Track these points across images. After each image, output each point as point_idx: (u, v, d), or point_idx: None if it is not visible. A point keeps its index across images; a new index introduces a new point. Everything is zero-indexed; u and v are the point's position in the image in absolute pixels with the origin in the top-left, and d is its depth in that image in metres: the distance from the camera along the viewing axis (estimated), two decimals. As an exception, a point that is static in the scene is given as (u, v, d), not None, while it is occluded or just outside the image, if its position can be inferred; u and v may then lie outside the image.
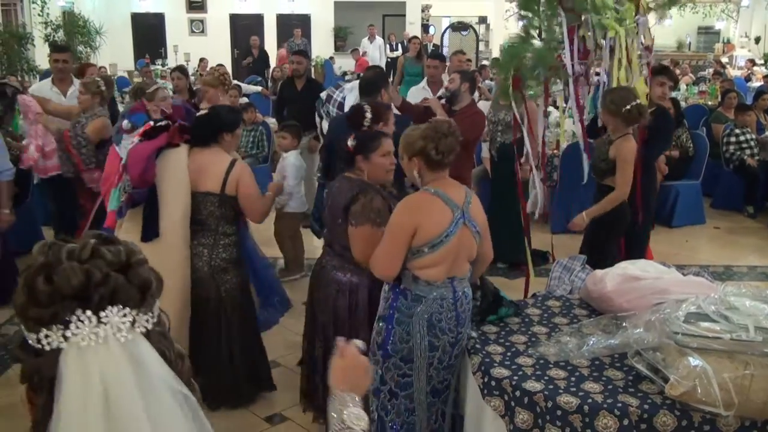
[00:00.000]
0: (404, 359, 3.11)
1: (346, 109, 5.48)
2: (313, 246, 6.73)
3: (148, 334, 1.17)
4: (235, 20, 20.09)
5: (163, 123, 4.11)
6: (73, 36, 14.62)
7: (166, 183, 3.93)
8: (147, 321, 1.17)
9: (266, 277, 5.40)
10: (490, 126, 6.23)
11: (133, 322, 1.14)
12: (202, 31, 19.96)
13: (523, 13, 4.82)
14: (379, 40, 17.41)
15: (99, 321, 1.11)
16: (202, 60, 15.53)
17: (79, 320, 1.10)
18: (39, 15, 14.24)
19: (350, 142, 3.50)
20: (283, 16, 20.04)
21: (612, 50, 4.68)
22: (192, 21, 20.00)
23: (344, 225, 3.41)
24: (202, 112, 4.17)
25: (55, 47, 6.93)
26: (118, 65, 16.10)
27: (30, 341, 1.13)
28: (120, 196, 4.03)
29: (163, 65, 15.29)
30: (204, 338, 4.03)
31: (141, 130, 4.25)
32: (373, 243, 3.19)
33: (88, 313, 1.11)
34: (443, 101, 5.62)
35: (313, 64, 18.30)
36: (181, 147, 4.01)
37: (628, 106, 4.44)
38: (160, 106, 5.13)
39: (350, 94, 5.51)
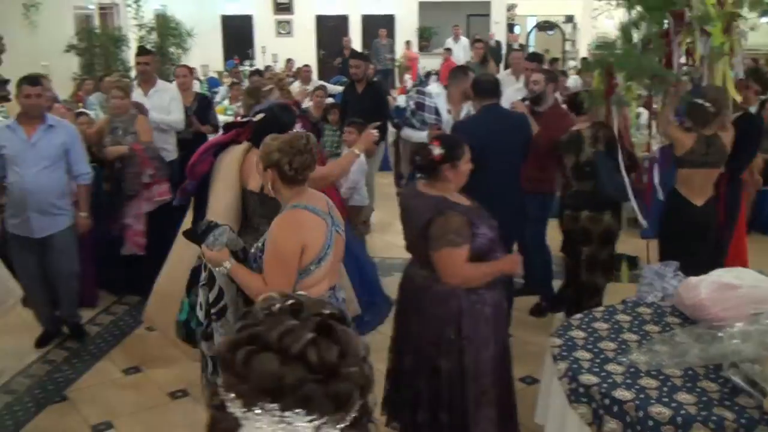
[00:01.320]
0: None
1: (443, 114, 5.45)
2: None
3: None
4: (321, 21, 20.34)
5: (243, 120, 4.22)
6: (165, 38, 15.05)
7: (217, 177, 4.06)
8: (335, 428, 1.08)
9: (371, 276, 5.47)
10: None
11: (318, 429, 1.06)
12: (289, 33, 20.28)
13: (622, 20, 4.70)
14: (464, 40, 17.31)
15: (282, 419, 1.05)
16: (288, 61, 15.80)
17: (263, 409, 1.05)
18: (134, 18, 14.73)
19: (437, 151, 3.32)
20: (367, 16, 20.16)
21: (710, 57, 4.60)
22: (279, 22, 20.35)
23: (425, 243, 3.30)
24: (259, 115, 4.18)
25: (138, 51, 7.22)
26: (209, 66, 16.51)
27: (219, 391, 1.10)
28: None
29: (251, 66, 15.59)
30: None
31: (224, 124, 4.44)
32: (458, 262, 3.22)
33: (275, 406, 1.05)
34: (527, 103, 5.55)
35: (396, 64, 18.40)
36: (242, 145, 4.08)
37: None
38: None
39: (439, 99, 5.47)
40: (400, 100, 5.60)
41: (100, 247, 5.88)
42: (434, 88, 5.69)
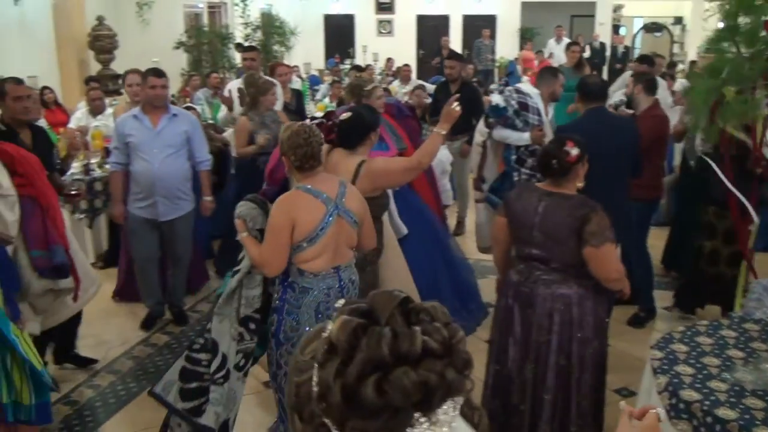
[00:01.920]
0: (295, 345, 3.17)
1: (543, 115, 5.37)
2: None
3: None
4: (422, 21, 20.37)
5: (318, 120, 4.22)
6: (270, 36, 15.41)
7: None
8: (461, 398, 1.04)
9: (465, 279, 5.44)
10: (688, 134, 5.88)
11: (454, 407, 1.03)
12: (390, 32, 20.40)
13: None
14: (566, 41, 16.98)
15: (431, 423, 1.00)
16: (388, 60, 15.90)
17: (413, 427, 1.00)
18: (240, 17, 15.14)
19: (575, 151, 3.33)
20: (469, 16, 20.06)
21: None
22: (380, 22, 20.50)
23: (572, 245, 3.27)
24: (345, 115, 4.19)
25: (244, 48, 7.42)
26: (311, 64, 16.81)
27: None
28: None
29: (351, 65, 15.78)
30: None
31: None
32: (616, 257, 3.29)
33: (423, 419, 1.00)
34: (622, 107, 5.42)
35: (496, 65, 18.23)
36: (322, 146, 4.10)
37: None
38: (376, 105, 5.07)
39: (538, 99, 5.38)
40: (496, 99, 5.45)
41: (214, 236, 6.13)
42: (529, 88, 5.57)
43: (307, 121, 3.86)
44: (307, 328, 3.22)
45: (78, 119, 7.63)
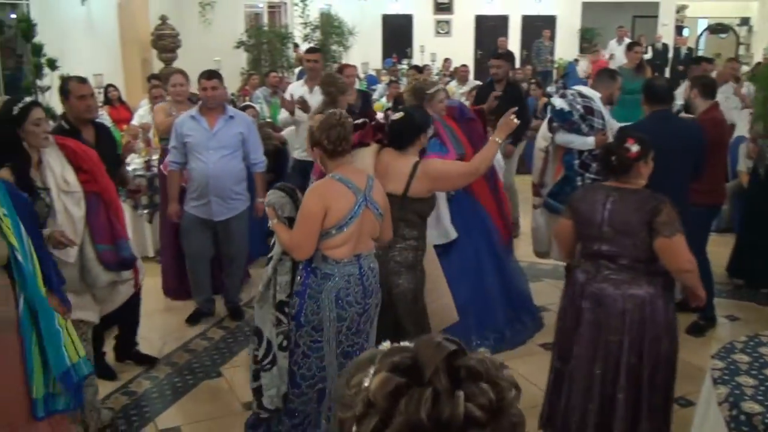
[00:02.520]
0: (315, 328, 3.43)
1: (606, 116, 5.29)
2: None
3: None
4: (481, 21, 20.25)
5: (359, 121, 4.21)
6: (328, 36, 15.53)
7: None
8: None
9: (520, 289, 5.39)
10: (759, 141, 5.73)
11: None
12: (448, 32, 20.34)
13: None
14: (628, 42, 16.68)
15: None
16: (446, 60, 15.87)
17: None
18: (300, 16, 15.29)
19: (635, 148, 3.35)
20: (528, 17, 19.87)
21: None
22: (438, 22, 20.45)
23: (643, 237, 3.28)
24: (396, 115, 4.16)
25: (307, 49, 7.46)
26: (369, 64, 16.88)
27: None
28: None
29: (408, 65, 15.79)
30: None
31: None
32: (686, 248, 3.26)
33: None
34: (683, 113, 5.31)
35: (555, 66, 18.02)
36: (371, 146, 4.08)
37: None
38: (437, 108, 5.05)
39: (600, 102, 5.29)
40: (559, 103, 5.32)
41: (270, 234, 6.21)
42: (590, 91, 5.48)
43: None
44: (327, 313, 3.40)
45: (141, 116, 7.81)
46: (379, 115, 7.90)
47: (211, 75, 5.29)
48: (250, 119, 5.58)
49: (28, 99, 3.84)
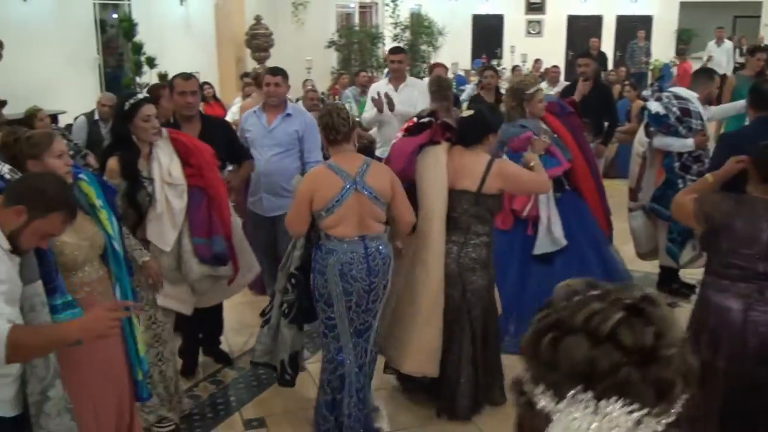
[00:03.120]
0: (327, 303, 3.77)
1: (704, 116, 5.12)
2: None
3: None
4: (573, 21, 19.90)
5: (426, 120, 4.22)
6: (418, 36, 15.57)
7: (424, 179, 4.06)
8: (658, 423, 1.00)
9: (619, 271, 5.29)
10: None
11: (638, 422, 0.98)
12: (539, 33, 20.07)
13: None
14: (727, 43, 16.06)
15: (596, 410, 0.98)
16: (537, 61, 15.67)
17: (576, 399, 0.99)
18: (390, 17, 15.38)
19: None
20: (623, 17, 19.40)
21: None
22: (529, 22, 20.21)
23: None
24: (467, 113, 4.17)
25: (392, 49, 7.46)
26: (458, 65, 16.83)
27: (525, 388, 1.06)
28: None
29: (498, 65, 15.67)
30: (446, 334, 4.08)
31: (405, 125, 4.43)
32: None
33: (588, 395, 0.98)
34: None
35: (650, 67, 17.53)
36: (441, 144, 4.11)
37: None
38: (537, 108, 5.01)
39: (698, 103, 5.11)
40: (654, 107, 5.18)
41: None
42: (687, 92, 5.30)
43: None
44: (334, 286, 3.72)
45: (234, 113, 8.00)
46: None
47: (276, 71, 5.30)
48: (310, 117, 5.44)
49: (140, 96, 3.99)
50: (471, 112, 4.14)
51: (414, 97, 6.47)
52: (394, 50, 7.24)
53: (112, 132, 4.03)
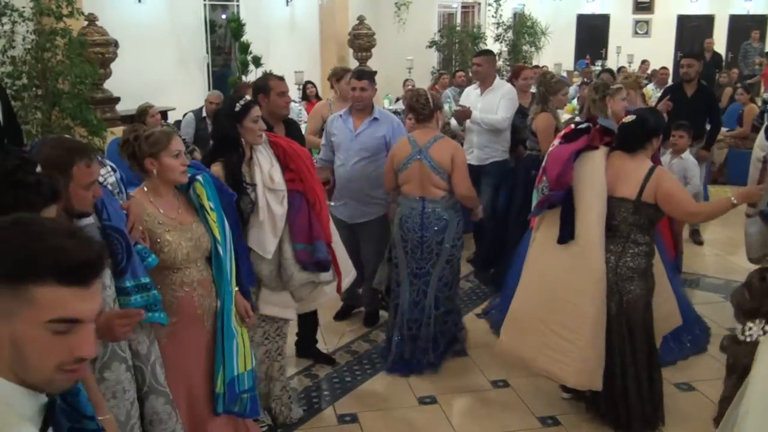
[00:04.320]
0: (394, 245, 4.80)
1: None
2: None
3: None
4: (683, 21, 19.24)
5: (584, 125, 4.08)
6: (521, 36, 15.38)
7: (582, 186, 3.89)
8: None
9: (681, 302, 5.07)
10: None
11: None
12: (646, 33, 19.52)
13: None
14: None
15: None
16: (643, 62, 15.24)
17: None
18: (493, 16, 15.26)
19: None
20: (736, 16, 18.61)
21: None
22: (637, 22, 19.66)
23: None
24: (628, 118, 4.01)
25: (476, 53, 7.30)
26: (562, 65, 16.55)
27: (737, 333, 1.30)
28: (537, 196, 4.15)
29: (602, 66, 15.31)
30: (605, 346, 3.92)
31: (562, 132, 4.28)
32: None
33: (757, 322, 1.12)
34: None
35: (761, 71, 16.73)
36: (599, 150, 3.94)
37: None
38: (618, 107, 4.92)
39: None
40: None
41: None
42: None
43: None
44: (395, 232, 4.75)
45: (297, 112, 8.14)
46: (566, 116, 7.75)
47: (362, 75, 5.21)
48: (397, 122, 5.36)
49: (248, 97, 3.92)
50: (631, 117, 3.98)
51: (495, 101, 6.26)
52: (478, 54, 6.87)
53: (219, 134, 3.86)
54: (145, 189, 3.12)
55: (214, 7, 11.22)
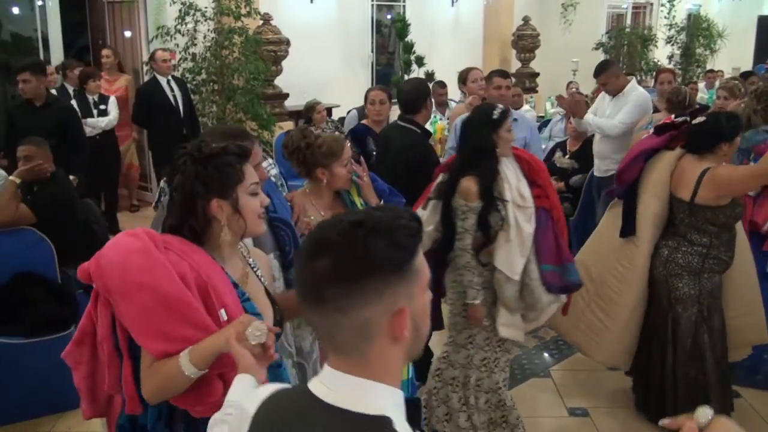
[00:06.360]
0: None
1: None
2: None
3: None
4: None
5: (680, 120, 4.02)
6: (694, 38, 14.65)
7: (645, 184, 3.99)
8: None
9: None
10: None
11: None
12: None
13: None
14: None
15: None
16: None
17: None
18: (665, 17, 14.62)
19: None
20: None
21: None
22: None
23: None
24: (699, 119, 3.87)
25: (594, 71, 6.66)
26: (740, 69, 15.60)
27: None
28: None
29: (785, 72, 14.28)
30: (647, 337, 4.04)
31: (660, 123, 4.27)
32: None
33: None
34: None
35: None
36: (675, 151, 3.92)
37: None
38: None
39: None
40: None
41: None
42: None
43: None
44: None
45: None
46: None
47: (506, 73, 5.17)
48: (534, 123, 5.31)
49: (501, 105, 3.73)
50: (703, 118, 3.87)
51: (617, 107, 5.78)
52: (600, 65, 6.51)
53: (473, 143, 3.58)
54: (307, 191, 3.16)
55: (380, 7, 11.45)
